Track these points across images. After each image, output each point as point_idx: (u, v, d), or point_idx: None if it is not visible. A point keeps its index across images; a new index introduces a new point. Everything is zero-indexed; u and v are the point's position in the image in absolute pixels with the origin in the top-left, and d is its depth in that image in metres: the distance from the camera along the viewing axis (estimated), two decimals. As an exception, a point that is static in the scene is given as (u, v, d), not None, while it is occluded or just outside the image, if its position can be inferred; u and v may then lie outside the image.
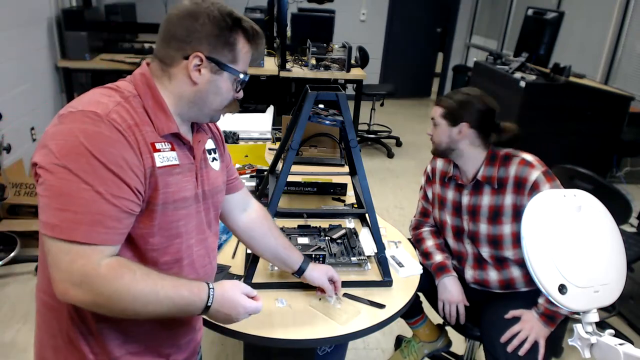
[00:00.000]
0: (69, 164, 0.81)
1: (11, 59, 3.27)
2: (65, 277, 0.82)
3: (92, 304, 0.84)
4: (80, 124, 0.84)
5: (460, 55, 7.13)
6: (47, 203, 0.82)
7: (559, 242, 0.92)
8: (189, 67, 0.94)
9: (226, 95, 1.00)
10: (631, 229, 2.78)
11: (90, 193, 0.82)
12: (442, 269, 1.69)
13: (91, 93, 0.92)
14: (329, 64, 4.26)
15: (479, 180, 1.60)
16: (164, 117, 0.95)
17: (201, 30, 0.94)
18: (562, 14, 3.70)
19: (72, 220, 0.81)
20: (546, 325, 1.50)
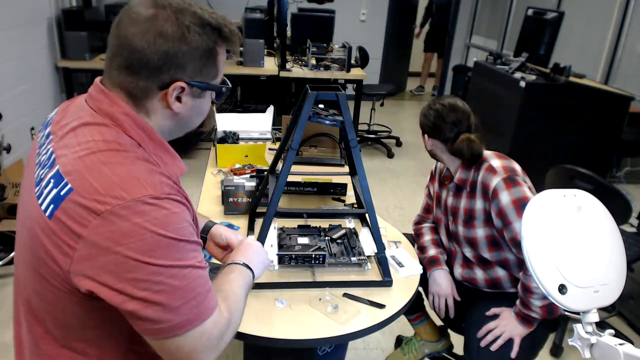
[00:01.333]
0: (163, 260, 0.73)
1: (11, 59, 3.27)
2: (209, 350, 0.81)
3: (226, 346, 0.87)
4: (146, 215, 0.72)
5: (460, 55, 7.12)
6: (163, 308, 0.73)
7: (559, 242, 0.92)
8: (169, 99, 0.80)
9: (206, 111, 0.90)
10: (631, 229, 2.78)
11: (195, 271, 0.77)
12: (433, 262, 1.72)
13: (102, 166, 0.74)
14: (329, 64, 4.26)
15: (456, 183, 1.64)
16: (171, 160, 0.85)
17: (181, 54, 0.78)
18: (562, 14, 3.70)
19: (197, 305, 0.77)
20: (522, 325, 1.51)
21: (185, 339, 0.77)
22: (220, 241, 1.21)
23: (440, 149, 1.65)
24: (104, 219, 0.71)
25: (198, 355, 0.79)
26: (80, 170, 0.74)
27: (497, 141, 3.58)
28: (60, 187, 0.74)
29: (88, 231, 0.71)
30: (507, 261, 1.60)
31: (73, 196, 0.72)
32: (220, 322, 0.83)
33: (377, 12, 6.71)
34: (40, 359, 0.86)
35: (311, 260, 1.48)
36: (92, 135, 0.77)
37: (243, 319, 1.28)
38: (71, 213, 0.72)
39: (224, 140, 2.34)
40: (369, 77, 5.22)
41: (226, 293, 0.90)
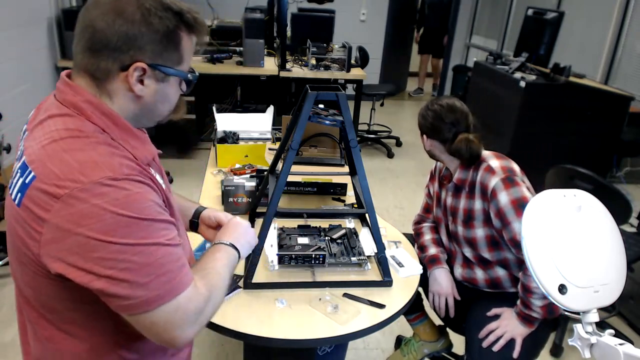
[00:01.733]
0: (125, 239, 0.74)
1: (11, 59, 3.27)
2: (184, 327, 0.82)
3: (206, 322, 0.88)
4: (105, 196, 0.73)
5: (460, 55, 7.12)
6: (130, 285, 0.75)
7: (559, 242, 0.92)
8: (130, 80, 0.80)
9: (174, 99, 0.89)
10: (631, 229, 2.78)
11: (163, 249, 0.79)
12: (434, 261, 1.73)
13: (63, 153, 0.76)
14: (329, 64, 4.26)
15: (455, 183, 1.64)
16: (139, 144, 0.85)
17: (141, 36, 0.78)
18: (562, 14, 3.70)
19: (168, 281, 0.79)
20: (524, 325, 1.51)
21: (158, 314, 0.78)
22: (210, 222, 1.21)
23: (439, 149, 1.65)
24: (64, 202, 0.73)
25: (175, 330, 0.81)
26: (42, 158, 0.76)
27: (497, 141, 3.58)
28: (25, 175, 0.77)
29: (50, 215, 0.73)
30: (507, 261, 1.60)
31: (36, 183, 0.75)
32: (197, 298, 0.84)
33: (377, 12, 6.70)
34: (40, 343, 0.90)
35: (311, 260, 1.48)
36: (55, 125, 0.79)
37: (243, 318, 1.29)
38: (35, 199, 0.75)
39: (224, 140, 2.34)
40: (369, 77, 5.22)
41: (208, 270, 0.92)
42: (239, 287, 1.40)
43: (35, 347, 0.93)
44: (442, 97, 1.67)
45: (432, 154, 1.70)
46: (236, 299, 1.36)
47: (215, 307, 0.90)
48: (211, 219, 1.21)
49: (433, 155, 1.70)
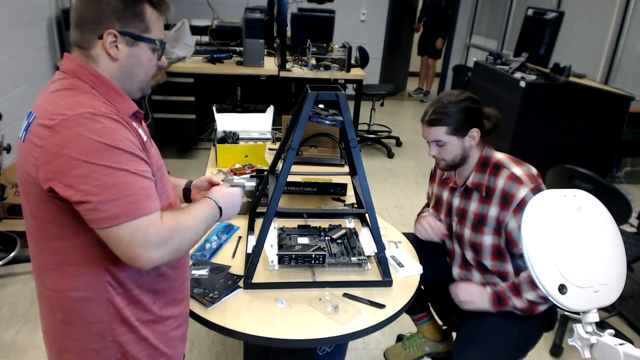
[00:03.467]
0: (98, 160, 0.90)
1: (11, 59, 3.27)
2: (148, 246, 0.94)
3: (173, 253, 1.00)
4: (84, 126, 0.90)
5: (460, 55, 7.12)
6: (100, 200, 0.90)
7: (559, 242, 0.92)
8: (106, 45, 0.99)
9: (149, 65, 1.06)
10: (631, 229, 2.78)
11: (130, 176, 0.93)
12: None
13: (57, 98, 0.96)
14: (329, 64, 4.26)
15: (468, 186, 1.61)
16: (121, 100, 1.03)
17: (107, 8, 0.98)
18: (562, 14, 3.70)
19: (131, 202, 0.92)
20: (491, 303, 1.53)
21: (122, 229, 0.92)
22: (202, 184, 1.37)
23: (474, 141, 1.57)
24: (54, 131, 0.90)
25: (137, 248, 0.94)
26: (42, 104, 0.97)
27: (497, 141, 3.57)
28: (29, 119, 0.98)
29: (44, 142, 0.91)
30: (507, 274, 1.60)
31: (36, 120, 0.95)
32: (159, 226, 0.96)
33: (377, 12, 6.70)
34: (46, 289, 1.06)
35: (311, 260, 1.48)
36: (55, 85, 0.99)
37: (243, 318, 1.29)
38: (34, 132, 0.94)
39: (224, 140, 2.34)
40: (369, 77, 5.22)
41: (182, 212, 1.07)
42: (239, 287, 1.40)
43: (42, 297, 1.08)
44: (445, 95, 1.60)
45: (463, 158, 1.59)
46: (236, 299, 1.36)
47: (183, 242, 1.02)
48: (202, 181, 1.37)
49: (464, 158, 1.59)
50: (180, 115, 4.10)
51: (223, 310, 1.31)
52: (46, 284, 1.05)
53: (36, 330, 2.27)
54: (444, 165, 1.62)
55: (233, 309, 1.32)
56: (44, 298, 1.08)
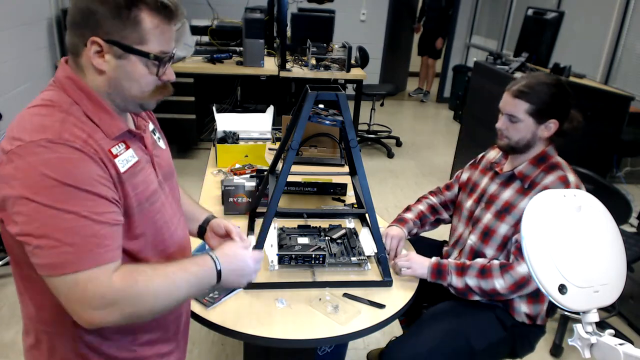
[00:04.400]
0: (44, 199, 0.77)
1: (11, 59, 3.27)
2: (85, 306, 0.81)
3: (122, 318, 0.85)
4: (37, 156, 0.78)
5: (460, 55, 7.12)
6: (38, 245, 0.79)
7: (559, 242, 0.92)
8: (89, 54, 0.85)
9: (144, 81, 0.90)
10: (631, 229, 2.78)
11: (77, 220, 0.80)
12: (400, 220, 1.76)
13: (28, 116, 0.84)
14: (329, 64, 4.26)
15: (514, 173, 1.54)
16: (108, 118, 0.89)
17: (95, 11, 0.83)
18: (562, 14, 3.70)
19: (71, 253, 0.79)
20: (429, 271, 1.52)
21: (59, 281, 0.80)
22: (219, 230, 1.23)
23: (547, 132, 1.49)
24: (8, 157, 0.80)
25: (73, 304, 0.82)
26: (14, 121, 0.86)
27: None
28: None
29: (0, 168, 0.81)
30: None
31: (1, 142, 0.84)
32: (103, 284, 0.82)
33: (377, 12, 6.70)
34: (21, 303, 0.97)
35: (311, 260, 1.48)
36: (37, 98, 0.88)
37: (243, 318, 1.29)
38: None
39: (224, 140, 2.34)
40: (369, 77, 5.22)
41: (151, 270, 0.89)
42: (239, 287, 1.40)
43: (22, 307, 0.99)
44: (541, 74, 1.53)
45: (528, 145, 1.50)
46: (236, 299, 1.36)
47: (142, 307, 0.87)
48: (220, 226, 1.22)
49: (528, 145, 1.50)
50: (180, 115, 4.10)
51: (223, 310, 1.31)
52: (22, 306, 0.98)
53: (36, 330, 2.27)
54: (504, 144, 1.54)
55: (233, 309, 1.32)
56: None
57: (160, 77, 0.92)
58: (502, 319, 1.53)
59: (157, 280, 0.88)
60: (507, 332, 1.53)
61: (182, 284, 0.92)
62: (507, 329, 1.53)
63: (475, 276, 1.48)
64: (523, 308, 1.53)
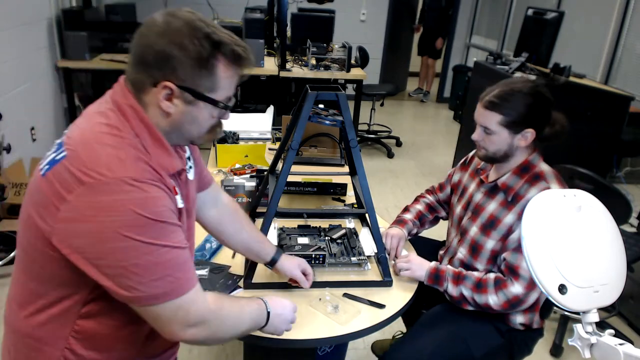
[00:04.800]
0: (140, 237, 0.81)
1: (11, 59, 3.27)
2: (184, 325, 0.89)
3: (207, 336, 0.93)
4: (127, 194, 0.80)
5: (460, 55, 7.13)
6: (139, 280, 0.82)
7: (559, 242, 0.92)
8: (159, 96, 0.86)
9: (206, 124, 0.93)
10: (631, 229, 2.78)
11: (172, 252, 0.85)
12: (400, 222, 1.75)
13: (98, 145, 0.83)
14: (329, 64, 4.26)
15: (497, 185, 1.50)
16: (166, 155, 0.90)
17: (173, 57, 0.83)
18: (562, 14, 3.70)
19: (173, 282, 0.85)
20: (427, 275, 1.51)
21: (161, 309, 0.85)
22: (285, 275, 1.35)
23: (524, 142, 1.43)
24: (88, 189, 0.79)
25: (174, 326, 0.88)
26: (77, 142, 0.84)
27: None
28: (58, 152, 0.85)
29: (72, 197, 0.80)
30: None
31: (65, 162, 0.82)
32: (200, 305, 0.90)
33: (377, 12, 6.70)
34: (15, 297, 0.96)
35: (311, 260, 1.48)
36: (100, 118, 0.87)
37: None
38: (59, 176, 0.82)
39: (224, 140, 2.34)
40: (369, 77, 5.22)
41: (231, 300, 1.01)
42: (239, 287, 1.40)
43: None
44: (519, 80, 1.45)
45: (505, 155, 1.46)
46: (236, 299, 1.36)
47: (222, 329, 0.96)
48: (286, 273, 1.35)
49: (506, 156, 1.46)
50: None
51: (223, 310, 1.31)
52: (8, 321, 0.97)
53: (36, 330, 2.27)
54: (482, 155, 1.50)
55: (233, 309, 1.32)
56: (5, 339, 0.99)
57: (220, 118, 0.95)
58: (498, 325, 1.52)
59: (235, 308, 1.00)
60: (505, 339, 1.51)
61: (248, 318, 1.03)
62: (504, 334, 1.51)
63: (470, 288, 1.46)
64: (519, 319, 1.51)
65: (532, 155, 1.49)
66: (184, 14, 0.86)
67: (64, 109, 4.08)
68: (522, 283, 1.39)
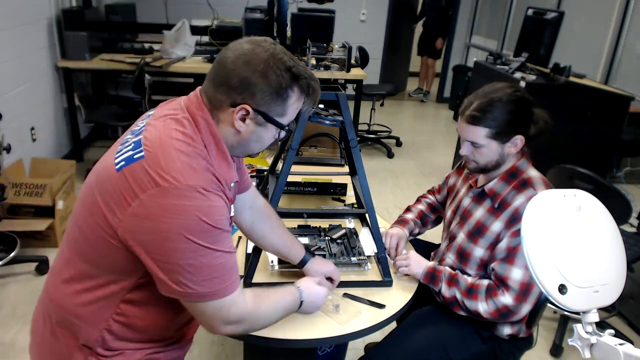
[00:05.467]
0: (200, 240, 0.89)
1: (11, 59, 3.27)
2: (223, 322, 1.00)
3: (244, 331, 1.06)
4: (194, 201, 0.88)
5: (460, 55, 7.13)
6: (191, 278, 0.91)
7: (559, 242, 0.91)
8: (234, 116, 0.96)
9: (267, 142, 1.04)
10: (631, 229, 2.78)
11: (223, 256, 0.94)
12: (402, 221, 1.75)
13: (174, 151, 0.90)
14: (329, 64, 4.26)
15: (484, 191, 1.47)
16: (226, 167, 1.00)
17: (255, 84, 0.93)
18: (562, 14, 3.70)
19: (220, 284, 0.95)
20: (424, 273, 1.50)
21: (206, 306, 0.96)
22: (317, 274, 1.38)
23: (514, 148, 1.41)
24: (161, 191, 0.87)
25: (215, 322, 0.99)
26: (155, 145, 0.91)
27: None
28: (135, 151, 0.92)
29: (145, 195, 0.87)
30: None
31: (143, 162, 0.89)
32: (240, 306, 1.00)
33: (377, 12, 6.70)
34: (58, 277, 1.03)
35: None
36: (176, 125, 0.95)
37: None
38: (136, 175, 0.89)
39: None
40: (369, 77, 5.22)
41: (266, 297, 1.10)
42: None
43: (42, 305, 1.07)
44: (494, 88, 1.40)
45: (497, 164, 1.43)
46: (236, 299, 1.36)
47: (257, 325, 1.09)
48: (312, 273, 1.38)
49: (498, 164, 1.43)
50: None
51: (223, 310, 1.31)
52: (51, 294, 1.04)
53: (36, 330, 2.27)
54: (473, 167, 1.47)
55: (233, 309, 1.32)
56: (44, 305, 1.07)
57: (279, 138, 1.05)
58: (481, 332, 1.49)
59: (271, 307, 1.10)
60: (487, 345, 1.49)
61: (282, 310, 1.14)
62: (486, 341, 1.49)
63: (462, 292, 1.43)
64: (506, 330, 1.50)
65: (520, 161, 1.45)
66: (269, 45, 0.96)
67: (64, 109, 4.08)
68: (512, 294, 1.36)
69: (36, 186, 2.86)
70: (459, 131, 1.45)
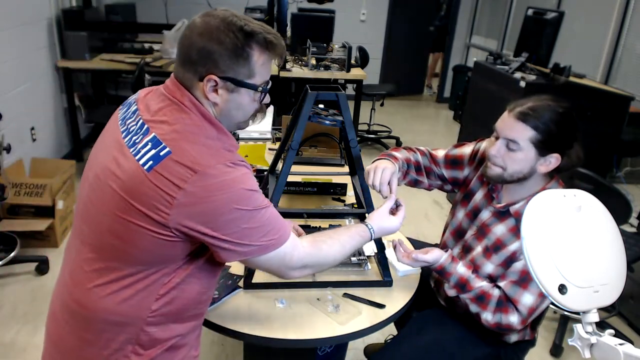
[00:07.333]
0: (246, 207, 0.97)
1: (11, 59, 3.27)
2: (290, 268, 1.11)
3: (313, 270, 1.19)
4: (229, 175, 0.95)
5: (460, 55, 7.13)
6: (250, 239, 0.99)
7: (559, 242, 0.91)
8: (205, 89, 0.98)
9: (249, 108, 1.06)
10: (631, 229, 2.79)
11: (268, 211, 1.02)
12: (390, 156, 1.53)
13: (196, 138, 0.96)
14: (329, 64, 4.26)
15: (510, 211, 1.38)
16: (227, 137, 1.03)
17: (214, 52, 0.95)
18: (562, 14, 3.70)
19: (276, 233, 1.04)
20: (445, 258, 1.42)
21: (272, 256, 1.04)
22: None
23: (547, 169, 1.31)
24: (200, 176, 0.92)
25: (282, 269, 1.10)
26: (176, 139, 0.95)
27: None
28: (159, 149, 0.94)
29: (187, 185, 0.92)
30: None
31: (173, 157, 0.93)
32: (299, 250, 1.10)
33: (377, 12, 6.71)
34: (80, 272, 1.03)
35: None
36: (180, 114, 0.98)
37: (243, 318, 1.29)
38: (171, 170, 0.92)
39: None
40: (369, 77, 5.22)
41: (329, 238, 1.19)
42: (239, 287, 1.40)
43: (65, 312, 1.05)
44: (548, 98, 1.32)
45: (523, 178, 1.33)
46: (236, 299, 1.36)
47: (325, 263, 1.18)
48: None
49: (524, 178, 1.33)
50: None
51: (223, 310, 1.31)
52: (80, 300, 1.02)
53: (36, 331, 2.27)
54: (496, 174, 1.34)
55: (233, 309, 1.32)
56: (68, 313, 1.05)
57: (260, 102, 1.07)
58: (485, 336, 1.47)
59: (335, 247, 1.19)
60: (491, 348, 1.48)
61: (349, 249, 1.23)
62: (490, 344, 1.48)
63: (470, 298, 1.40)
64: (513, 338, 1.49)
65: (550, 183, 1.36)
66: (219, 12, 0.99)
67: (64, 109, 4.08)
68: (519, 318, 1.33)
69: (36, 186, 2.87)
70: (498, 128, 1.34)
